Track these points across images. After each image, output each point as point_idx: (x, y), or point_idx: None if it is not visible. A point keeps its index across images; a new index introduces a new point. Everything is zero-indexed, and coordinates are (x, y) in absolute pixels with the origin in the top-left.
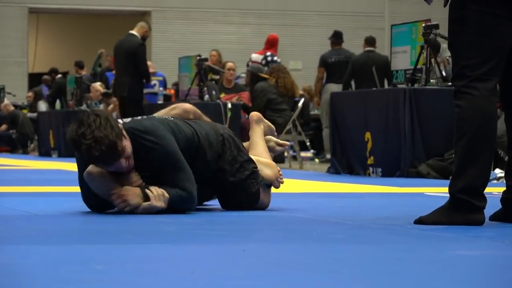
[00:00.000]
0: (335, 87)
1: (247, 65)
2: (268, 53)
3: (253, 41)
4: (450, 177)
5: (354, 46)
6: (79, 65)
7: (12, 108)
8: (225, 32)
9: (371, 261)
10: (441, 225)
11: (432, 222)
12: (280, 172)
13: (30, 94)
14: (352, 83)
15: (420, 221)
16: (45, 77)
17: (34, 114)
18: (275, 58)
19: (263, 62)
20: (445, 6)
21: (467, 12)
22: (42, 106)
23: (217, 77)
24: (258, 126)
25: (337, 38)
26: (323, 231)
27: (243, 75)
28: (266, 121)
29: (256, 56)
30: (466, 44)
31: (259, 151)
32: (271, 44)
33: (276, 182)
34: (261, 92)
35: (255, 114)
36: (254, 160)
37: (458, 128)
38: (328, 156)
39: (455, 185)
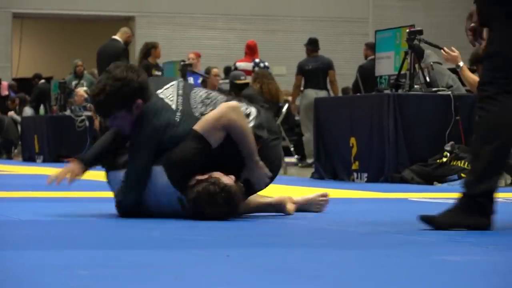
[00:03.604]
0: (313, 93)
1: (229, 72)
2: (257, 60)
3: (237, 47)
4: (468, 177)
5: (338, 51)
6: None
7: None
8: (209, 37)
9: (355, 266)
10: (456, 228)
11: (448, 225)
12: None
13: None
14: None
15: (433, 223)
16: (12, 83)
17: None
18: (266, 64)
19: (256, 69)
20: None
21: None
22: (28, 111)
23: (159, 73)
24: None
25: (313, 45)
26: (307, 236)
27: (222, 81)
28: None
29: (245, 64)
30: (505, 60)
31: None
32: (253, 50)
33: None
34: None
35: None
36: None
37: (485, 132)
38: (309, 161)
39: (477, 188)
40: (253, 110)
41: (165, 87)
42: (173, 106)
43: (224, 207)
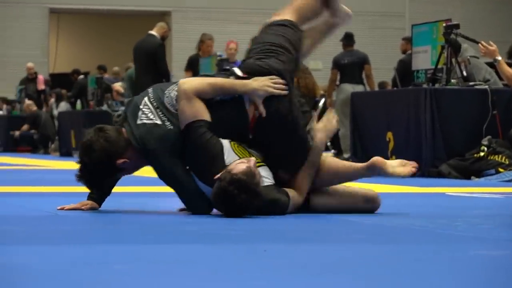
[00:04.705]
0: (350, 87)
1: None
2: None
3: None
4: None
5: (374, 46)
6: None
7: (34, 108)
8: (245, 32)
9: (392, 261)
10: None
11: None
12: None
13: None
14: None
15: None
16: (46, 78)
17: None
18: None
19: None
20: None
21: None
22: (63, 106)
23: None
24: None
25: (348, 40)
26: (344, 231)
27: None
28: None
29: None
30: None
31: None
32: None
33: None
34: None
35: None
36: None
37: None
38: (345, 155)
39: None
40: (236, 71)
41: (141, 110)
42: (158, 122)
43: (241, 197)
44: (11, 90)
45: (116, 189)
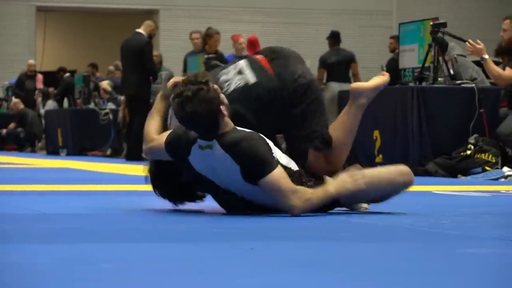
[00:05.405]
0: (337, 86)
1: None
2: None
3: (262, 40)
4: None
5: (361, 44)
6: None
7: (21, 106)
8: (233, 30)
9: (379, 259)
10: None
11: None
12: None
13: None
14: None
15: None
16: None
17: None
18: None
19: None
20: None
21: None
22: (50, 104)
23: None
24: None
25: (334, 38)
26: (331, 229)
27: None
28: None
29: None
30: None
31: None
32: (253, 44)
33: None
34: None
35: None
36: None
37: None
38: None
39: None
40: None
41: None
42: None
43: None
44: None
45: (104, 187)
